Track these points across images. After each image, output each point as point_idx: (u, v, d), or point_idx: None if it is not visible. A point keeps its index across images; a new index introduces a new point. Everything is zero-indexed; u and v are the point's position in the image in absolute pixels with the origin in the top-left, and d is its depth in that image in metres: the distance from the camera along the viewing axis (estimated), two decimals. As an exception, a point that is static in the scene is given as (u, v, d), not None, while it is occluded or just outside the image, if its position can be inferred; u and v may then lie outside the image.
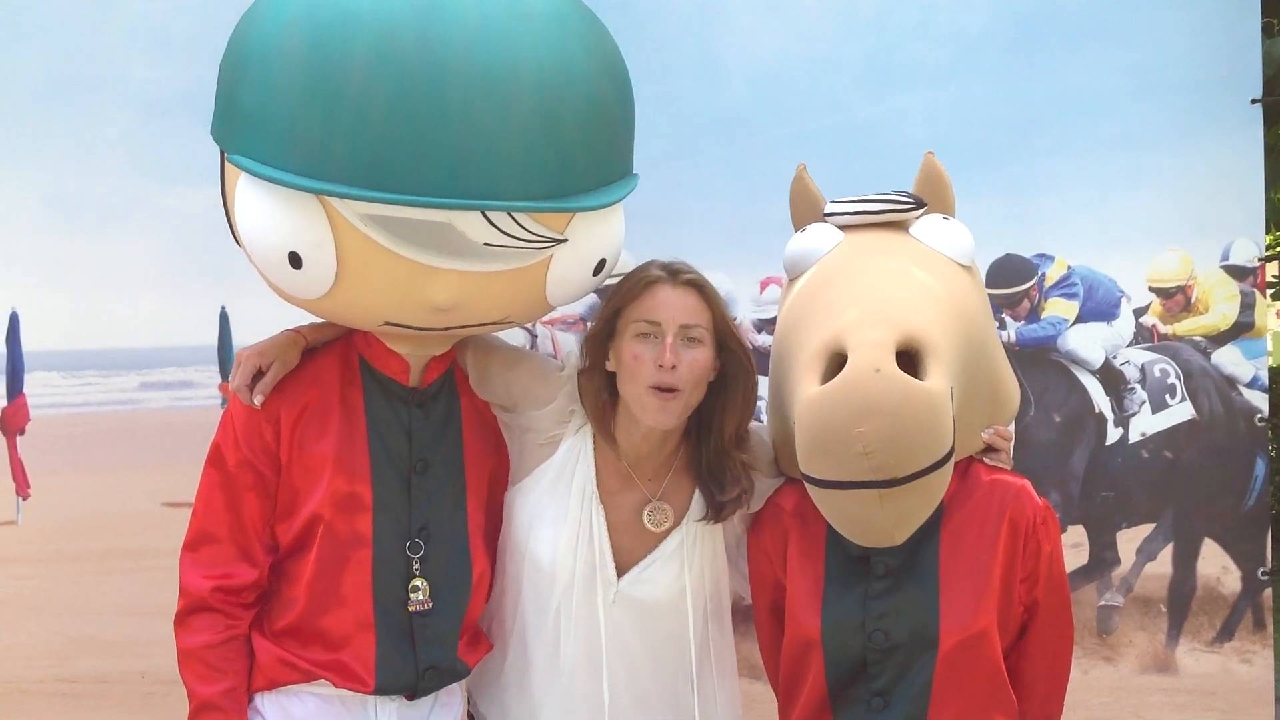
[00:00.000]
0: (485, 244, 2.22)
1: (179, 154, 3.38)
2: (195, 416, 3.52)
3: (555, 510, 2.49)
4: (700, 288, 2.41)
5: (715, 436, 2.47)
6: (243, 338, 3.50)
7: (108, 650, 3.49)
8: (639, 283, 2.41)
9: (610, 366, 2.45)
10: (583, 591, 2.47)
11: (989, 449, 2.45)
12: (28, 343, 3.48)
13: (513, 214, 2.21)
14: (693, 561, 2.50)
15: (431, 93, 2.11)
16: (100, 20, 3.44)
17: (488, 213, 2.19)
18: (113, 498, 3.51)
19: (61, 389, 3.54)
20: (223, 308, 3.52)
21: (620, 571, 2.48)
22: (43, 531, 3.49)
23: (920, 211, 2.50)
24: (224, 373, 3.55)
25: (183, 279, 3.49)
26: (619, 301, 2.42)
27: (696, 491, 2.52)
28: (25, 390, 3.50)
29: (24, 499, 3.49)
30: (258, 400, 2.40)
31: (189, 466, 2.63)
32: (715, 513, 2.48)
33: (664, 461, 2.52)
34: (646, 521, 2.49)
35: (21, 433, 3.50)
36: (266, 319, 2.61)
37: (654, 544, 2.50)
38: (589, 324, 3.51)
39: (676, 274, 2.41)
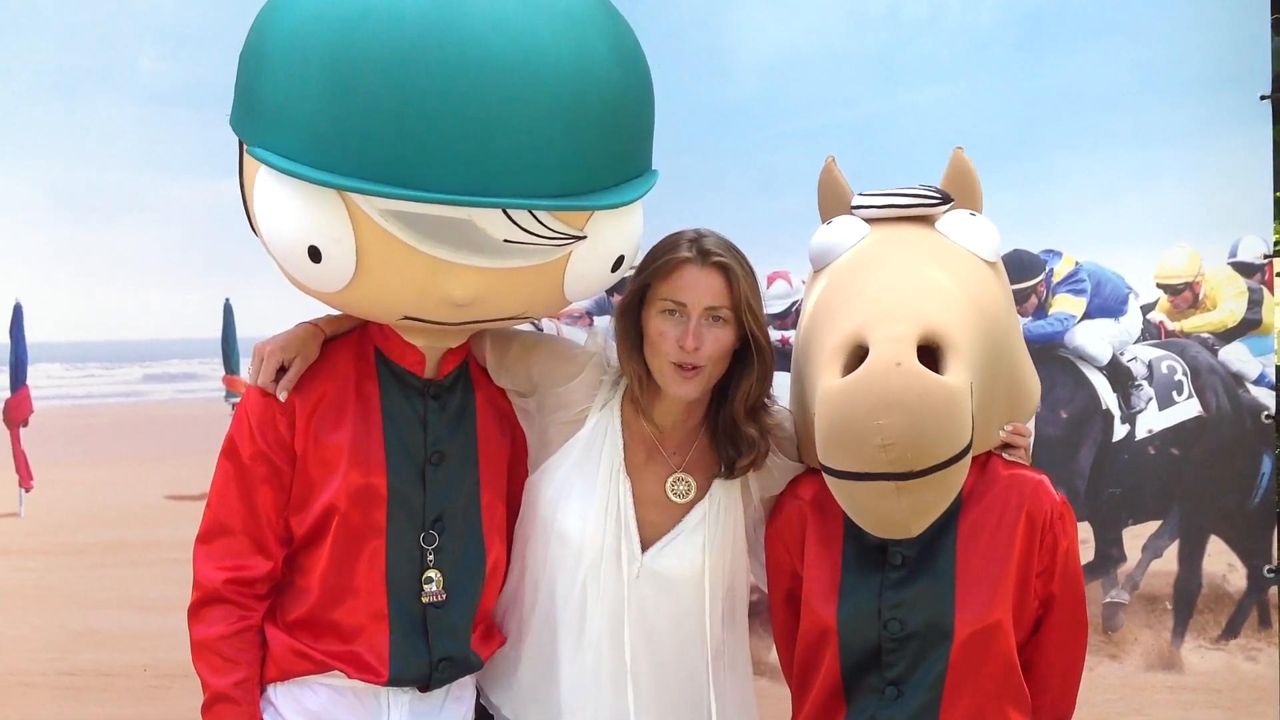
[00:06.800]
0: (505, 241, 2.21)
1: (184, 146, 3.39)
2: (199, 409, 3.53)
3: (583, 484, 2.50)
4: (727, 270, 2.42)
5: (728, 406, 2.49)
6: (247, 330, 3.51)
7: (110, 643, 3.49)
8: (668, 261, 2.42)
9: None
10: (609, 565, 2.48)
11: (1006, 446, 2.46)
12: (31, 334, 3.48)
13: (534, 212, 2.20)
14: (714, 536, 2.51)
15: (454, 89, 2.09)
16: (107, 12, 3.44)
17: (509, 210, 2.18)
18: (116, 490, 3.50)
19: (65, 381, 3.53)
20: (227, 300, 3.52)
21: (645, 546, 2.50)
22: (45, 524, 3.48)
23: (947, 207, 2.50)
24: (228, 365, 3.55)
25: (187, 271, 3.49)
26: (648, 276, 2.44)
27: (715, 482, 2.54)
28: (29, 382, 3.49)
29: (27, 491, 3.48)
30: (283, 395, 2.40)
31: (193, 459, 2.64)
32: (729, 469, 2.51)
33: (689, 433, 2.55)
34: (670, 492, 2.52)
35: (25, 424, 3.49)
36: (271, 311, 2.61)
37: (678, 518, 2.52)
38: (594, 317, 3.58)
39: (706, 255, 2.42)
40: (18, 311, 3.47)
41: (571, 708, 2.52)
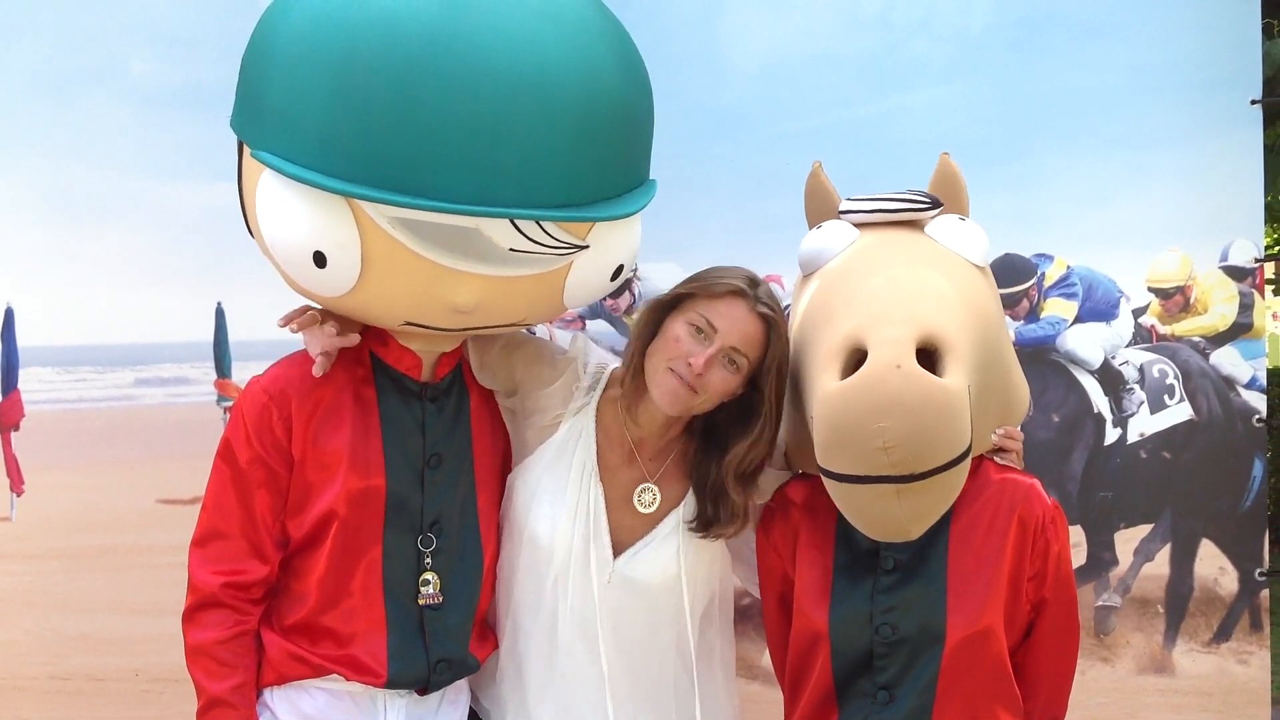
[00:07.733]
0: (510, 250, 2.22)
1: (176, 149, 3.38)
2: (191, 413, 3.51)
3: (555, 486, 2.49)
4: (770, 324, 2.38)
5: (722, 462, 2.45)
6: (239, 333, 3.50)
7: (101, 648, 3.47)
8: (722, 284, 2.39)
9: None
10: (579, 568, 2.46)
11: (998, 450, 2.46)
12: (23, 338, 3.46)
13: (540, 222, 2.20)
14: (690, 544, 2.50)
15: (462, 98, 2.09)
16: (99, 14, 3.42)
17: (516, 220, 2.18)
18: (107, 494, 3.49)
19: (56, 384, 3.51)
20: (219, 303, 3.51)
21: (617, 551, 2.48)
22: (37, 528, 3.46)
23: (936, 211, 2.50)
24: (219, 369, 3.54)
25: (179, 274, 3.47)
26: (696, 289, 2.40)
27: (690, 491, 2.52)
28: (20, 385, 3.47)
29: (18, 495, 3.47)
30: (322, 364, 2.40)
31: (184, 463, 2.61)
32: (703, 528, 2.48)
33: (668, 444, 2.53)
34: (636, 502, 2.50)
35: (16, 428, 3.47)
36: (262, 314, 2.60)
37: (651, 524, 2.50)
38: (586, 321, 3.57)
39: (758, 300, 2.38)
40: (9, 315, 3.45)
41: (550, 714, 2.50)
